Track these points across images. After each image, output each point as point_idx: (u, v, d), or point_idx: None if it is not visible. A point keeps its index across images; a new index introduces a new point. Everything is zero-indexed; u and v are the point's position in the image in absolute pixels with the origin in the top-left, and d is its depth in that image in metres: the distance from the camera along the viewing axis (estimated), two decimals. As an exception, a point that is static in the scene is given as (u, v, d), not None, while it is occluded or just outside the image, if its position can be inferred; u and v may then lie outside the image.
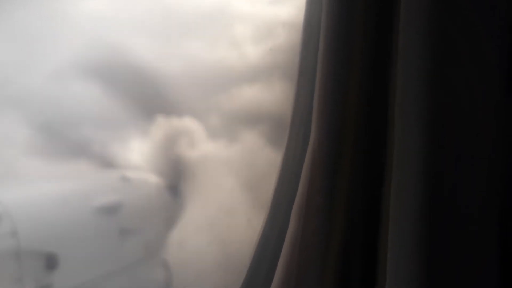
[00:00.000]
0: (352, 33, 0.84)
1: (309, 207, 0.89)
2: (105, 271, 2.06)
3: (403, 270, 0.75)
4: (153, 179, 2.29)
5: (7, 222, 1.84)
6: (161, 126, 2.34)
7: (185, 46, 2.26)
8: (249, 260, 1.04)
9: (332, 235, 0.88)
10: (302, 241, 0.90)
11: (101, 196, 2.09)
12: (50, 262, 1.87)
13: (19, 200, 1.96)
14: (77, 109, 2.23)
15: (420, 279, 0.73)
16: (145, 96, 2.26)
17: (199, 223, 2.22)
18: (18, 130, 2.19)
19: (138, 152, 2.32)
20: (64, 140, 2.23)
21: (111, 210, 2.06)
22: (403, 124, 0.77)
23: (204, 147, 2.32)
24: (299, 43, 0.99)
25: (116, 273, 2.09)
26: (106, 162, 2.27)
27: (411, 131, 0.75)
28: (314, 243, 0.89)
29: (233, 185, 2.19)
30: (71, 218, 1.99)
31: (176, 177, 2.30)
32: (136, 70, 2.24)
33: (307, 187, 0.89)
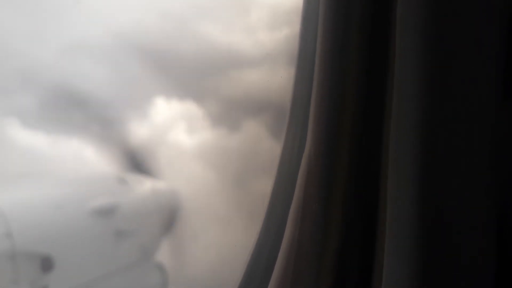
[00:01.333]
0: (349, 37, 0.84)
1: (305, 213, 0.89)
2: (100, 273, 2.06)
3: (399, 277, 0.75)
4: (148, 182, 2.29)
5: (1, 223, 1.83)
6: (161, 108, 2.31)
7: (200, 28, 2.23)
8: (244, 266, 1.04)
9: (328, 241, 0.88)
10: (298, 248, 0.89)
11: (96, 198, 2.08)
12: (46, 264, 1.86)
13: (14, 201, 1.95)
14: (83, 87, 2.22)
15: (416, 285, 0.73)
16: (152, 78, 2.24)
17: (195, 228, 2.21)
18: (24, 103, 2.19)
19: (136, 135, 2.31)
20: (67, 117, 2.22)
21: (106, 212, 2.06)
22: (399, 129, 0.77)
23: (203, 134, 2.29)
24: (296, 47, 0.99)
25: (111, 275, 2.09)
26: (105, 142, 2.26)
27: (406, 136, 0.75)
28: (310, 250, 0.88)
29: (230, 184, 2.17)
30: (67, 220, 1.98)
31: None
32: (146, 50, 2.22)
33: (302, 193, 0.89)
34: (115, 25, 2.23)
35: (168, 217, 2.27)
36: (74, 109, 2.24)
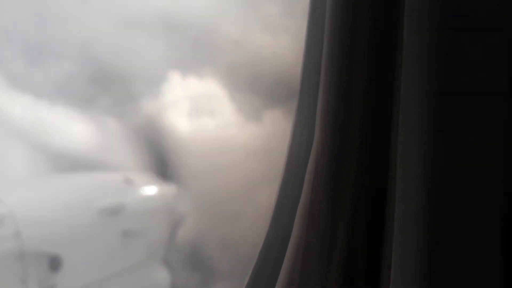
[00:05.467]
0: (356, 32, 0.84)
1: (312, 211, 0.89)
2: (108, 272, 2.07)
3: (407, 276, 0.75)
4: (156, 182, 2.29)
5: (10, 223, 1.84)
6: (176, 84, 2.27)
7: (264, 10, 2.19)
8: (252, 264, 1.03)
9: (336, 239, 0.87)
10: (305, 246, 0.89)
11: (104, 197, 2.09)
12: (53, 263, 1.88)
13: (22, 201, 1.97)
14: (132, 62, 2.20)
15: (425, 284, 0.73)
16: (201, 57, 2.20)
17: (203, 225, 2.20)
18: (71, 72, 2.18)
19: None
20: (107, 92, 2.22)
21: (114, 212, 2.06)
22: (407, 125, 0.76)
23: (223, 118, 2.23)
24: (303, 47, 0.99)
25: (119, 274, 2.10)
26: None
27: (414, 134, 0.75)
28: (317, 248, 0.88)
29: (242, 183, 2.14)
30: (74, 220, 1.99)
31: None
32: (199, 31, 2.19)
33: (310, 191, 0.89)
34: (168, 4, 2.21)
35: (175, 217, 2.28)
36: (114, 84, 2.23)
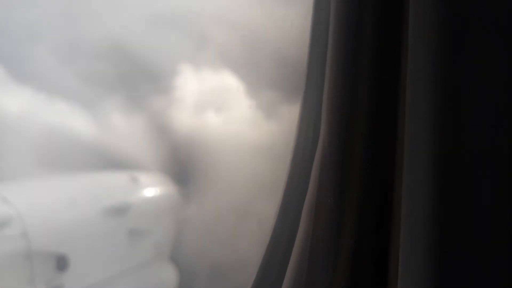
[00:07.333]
0: (360, 33, 0.84)
1: (319, 208, 0.88)
2: (115, 271, 2.07)
3: (415, 273, 0.74)
4: (162, 179, 2.30)
5: (17, 223, 1.85)
6: (189, 79, 2.24)
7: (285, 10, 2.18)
8: (260, 261, 1.03)
9: (343, 236, 0.87)
10: (312, 242, 0.89)
11: (110, 196, 2.10)
12: (61, 263, 1.88)
13: (29, 201, 1.98)
14: (161, 61, 2.18)
15: (433, 283, 0.72)
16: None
17: (210, 224, 2.20)
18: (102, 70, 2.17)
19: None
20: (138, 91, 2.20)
21: (120, 211, 2.07)
22: (413, 124, 0.76)
23: (237, 115, 2.18)
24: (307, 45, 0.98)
25: (126, 274, 2.10)
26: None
27: (421, 131, 0.74)
28: (324, 244, 0.88)
29: (252, 181, 2.12)
30: (81, 219, 2.00)
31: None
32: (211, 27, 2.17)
33: (317, 187, 0.88)
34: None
35: (181, 215, 2.28)
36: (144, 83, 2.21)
